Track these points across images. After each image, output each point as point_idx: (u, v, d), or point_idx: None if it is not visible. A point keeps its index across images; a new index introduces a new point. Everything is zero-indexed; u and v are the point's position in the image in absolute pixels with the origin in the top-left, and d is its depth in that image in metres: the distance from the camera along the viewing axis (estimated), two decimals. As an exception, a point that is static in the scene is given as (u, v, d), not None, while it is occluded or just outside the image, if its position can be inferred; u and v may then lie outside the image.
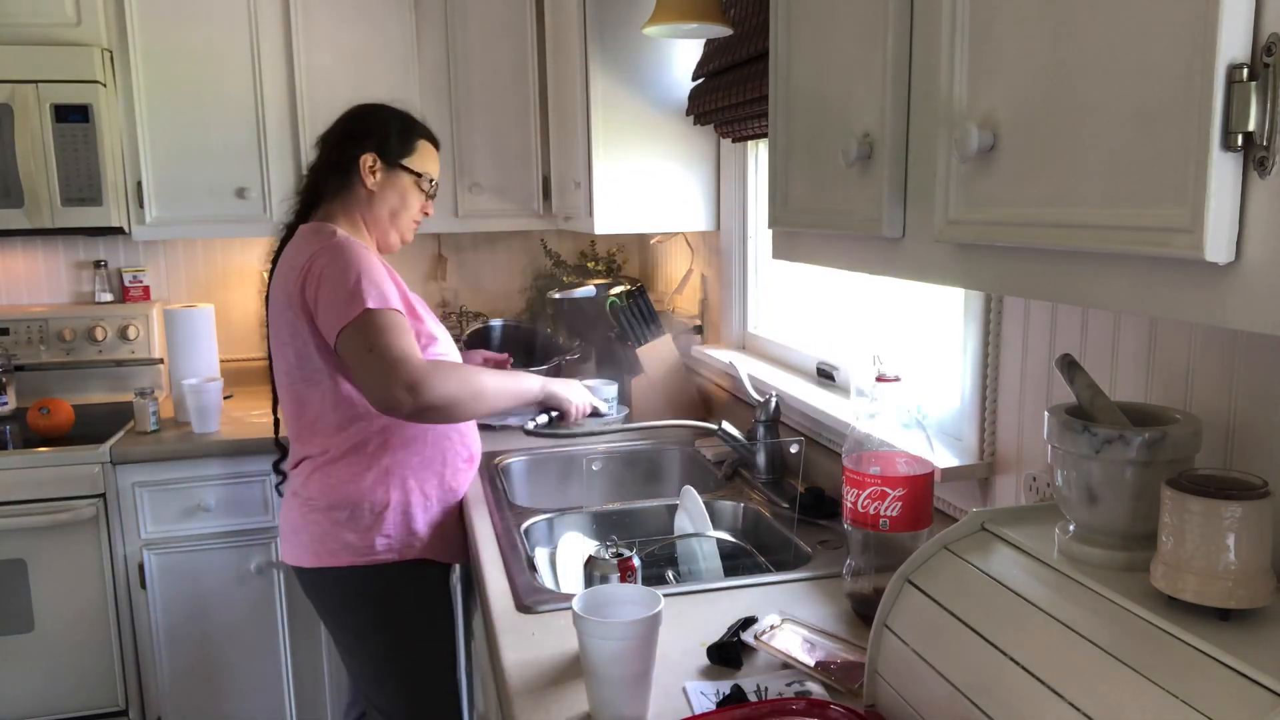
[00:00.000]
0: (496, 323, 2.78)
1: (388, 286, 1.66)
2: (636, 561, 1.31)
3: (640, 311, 2.49)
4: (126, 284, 3.00)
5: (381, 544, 1.75)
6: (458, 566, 1.92)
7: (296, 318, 1.67)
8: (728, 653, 1.19)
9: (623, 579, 1.29)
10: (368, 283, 1.62)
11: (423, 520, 1.79)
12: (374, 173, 1.78)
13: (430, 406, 1.56)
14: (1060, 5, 0.69)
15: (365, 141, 1.78)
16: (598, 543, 1.33)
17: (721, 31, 1.87)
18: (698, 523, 1.64)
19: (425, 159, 1.85)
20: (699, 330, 2.63)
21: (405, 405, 1.55)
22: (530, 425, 1.86)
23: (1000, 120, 0.76)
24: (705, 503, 1.66)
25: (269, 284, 1.78)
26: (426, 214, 1.89)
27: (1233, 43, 0.54)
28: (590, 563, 1.31)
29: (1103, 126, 0.65)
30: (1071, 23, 0.68)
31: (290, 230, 1.81)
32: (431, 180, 1.86)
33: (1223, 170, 0.56)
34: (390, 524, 1.75)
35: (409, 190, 1.83)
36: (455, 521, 1.85)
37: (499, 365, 2.14)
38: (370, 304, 1.59)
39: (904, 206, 0.93)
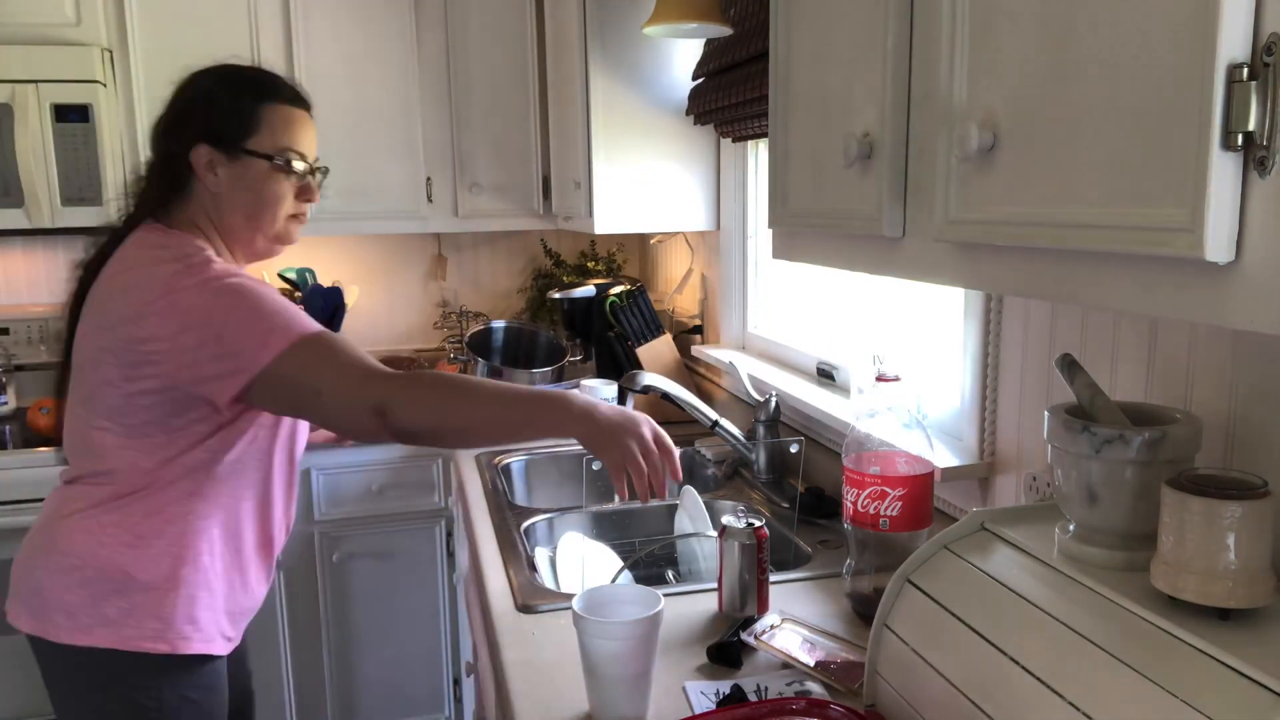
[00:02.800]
0: (498, 323, 2.78)
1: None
2: (767, 531, 1.32)
3: (640, 311, 2.49)
4: (126, 284, 2.99)
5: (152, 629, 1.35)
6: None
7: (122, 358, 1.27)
8: (728, 652, 1.19)
9: (759, 550, 1.30)
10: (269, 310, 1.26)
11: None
12: (213, 169, 1.34)
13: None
14: (1060, 5, 0.69)
15: (190, 128, 1.35)
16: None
17: (721, 31, 1.87)
18: (698, 523, 1.64)
19: (279, 129, 1.36)
20: (699, 330, 2.63)
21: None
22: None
23: (1000, 120, 0.76)
24: (705, 502, 1.66)
25: (79, 292, 1.38)
26: (309, 200, 1.42)
27: (1233, 42, 0.54)
28: (725, 532, 1.31)
29: (1103, 126, 0.65)
30: (1071, 22, 0.68)
31: (117, 235, 1.38)
32: (296, 157, 1.38)
33: (1223, 170, 0.56)
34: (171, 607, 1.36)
35: (266, 180, 1.36)
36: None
37: None
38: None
39: (904, 206, 0.93)
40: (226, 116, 1.34)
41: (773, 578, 1.39)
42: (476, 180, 2.88)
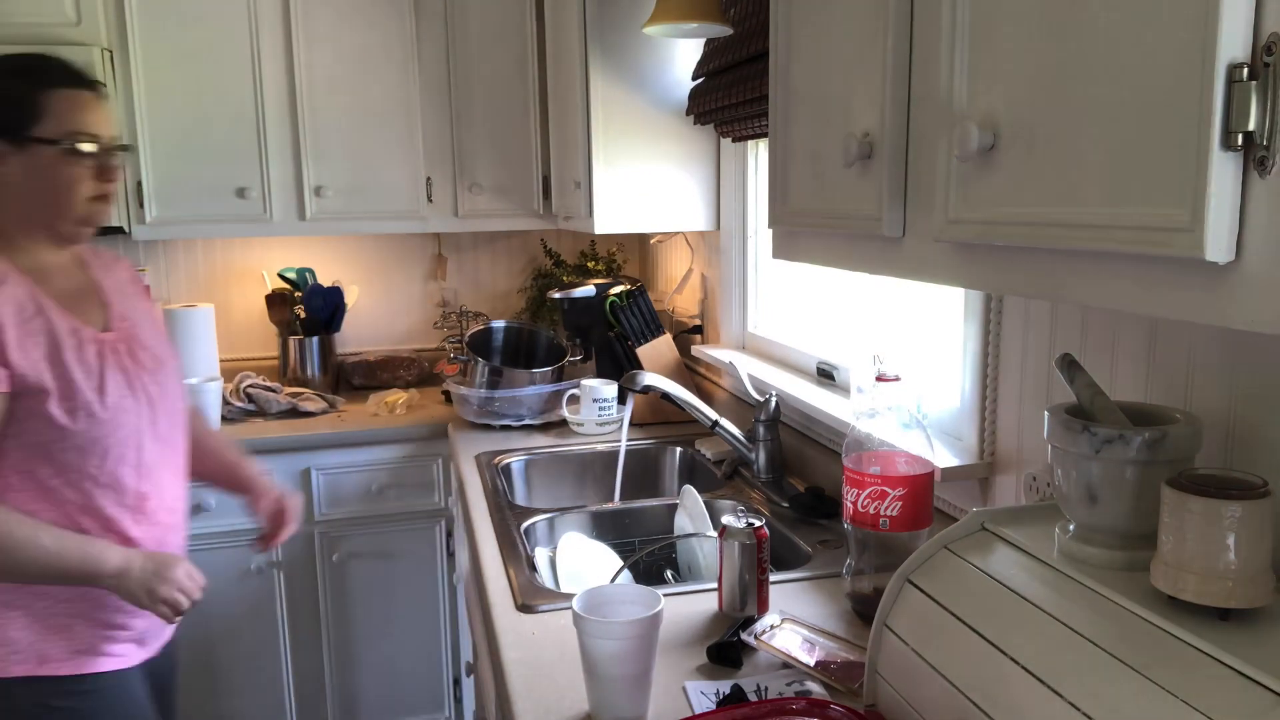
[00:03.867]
0: (498, 324, 2.78)
1: None
2: (767, 531, 1.33)
3: (640, 311, 2.49)
4: (126, 284, 3.00)
5: None
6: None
7: None
8: (728, 652, 1.19)
9: (758, 550, 1.30)
10: None
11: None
12: (3, 160, 1.32)
13: None
14: (1060, 4, 0.69)
15: None
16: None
17: (721, 31, 1.87)
18: (697, 522, 1.64)
19: (65, 113, 1.34)
20: (699, 330, 2.63)
21: None
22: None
23: (1000, 119, 0.76)
24: (705, 502, 1.66)
25: None
26: (109, 181, 1.39)
27: (1233, 42, 0.54)
28: (725, 532, 1.31)
29: (1103, 126, 0.65)
30: (1071, 22, 0.68)
31: None
32: (86, 139, 1.35)
33: (1223, 170, 0.56)
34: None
35: (58, 166, 1.33)
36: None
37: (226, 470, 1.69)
38: None
39: (904, 206, 0.93)
40: (8, 107, 1.31)
41: (773, 578, 1.39)
42: (476, 180, 2.88)
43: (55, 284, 1.39)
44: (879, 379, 1.27)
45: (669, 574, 1.73)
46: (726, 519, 1.32)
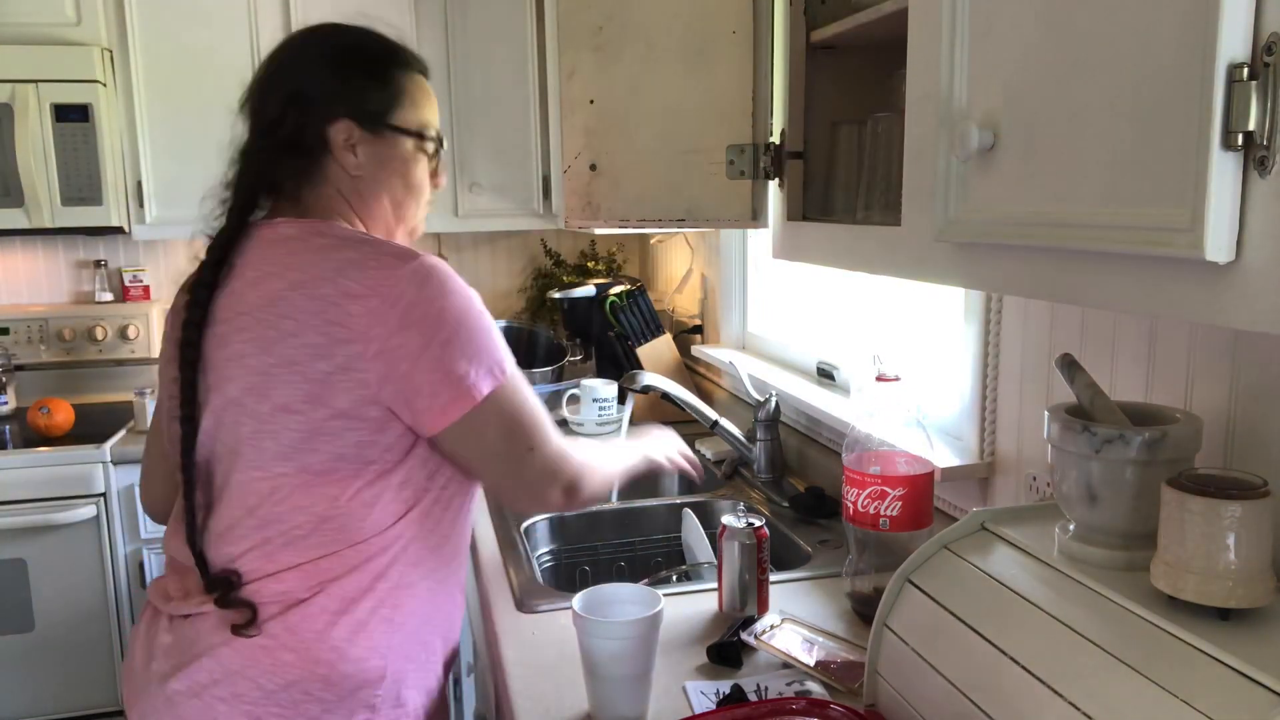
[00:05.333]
0: (498, 323, 2.78)
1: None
2: (767, 531, 1.33)
3: (640, 311, 2.49)
4: (126, 283, 3.00)
5: None
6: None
7: (334, 380, 1.02)
8: (728, 652, 1.19)
9: (759, 550, 1.30)
10: (495, 340, 1.12)
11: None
12: (353, 149, 1.12)
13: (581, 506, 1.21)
14: (1060, 4, 0.69)
15: (330, 103, 1.12)
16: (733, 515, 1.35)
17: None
18: (698, 549, 1.63)
19: (419, 103, 1.18)
20: (699, 330, 2.63)
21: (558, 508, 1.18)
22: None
23: (1000, 119, 0.76)
24: (705, 502, 1.66)
25: (203, 311, 1.08)
26: (437, 187, 1.24)
27: (1233, 42, 0.54)
28: (725, 532, 1.31)
29: (1103, 125, 0.65)
30: (1072, 22, 0.68)
31: (232, 234, 1.13)
32: (435, 134, 1.20)
33: (1223, 170, 0.56)
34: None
35: (410, 159, 1.17)
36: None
37: None
38: (507, 371, 1.10)
39: (904, 205, 0.93)
40: (371, 86, 1.14)
41: (773, 578, 1.39)
42: (476, 180, 2.88)
43: None
44: (879, 379, 1.27)
45: (669, 574, 1.73)
46: (726, 519, 1.32)
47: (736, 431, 1.93)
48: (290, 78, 1.15)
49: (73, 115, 2.52)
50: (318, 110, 1.12)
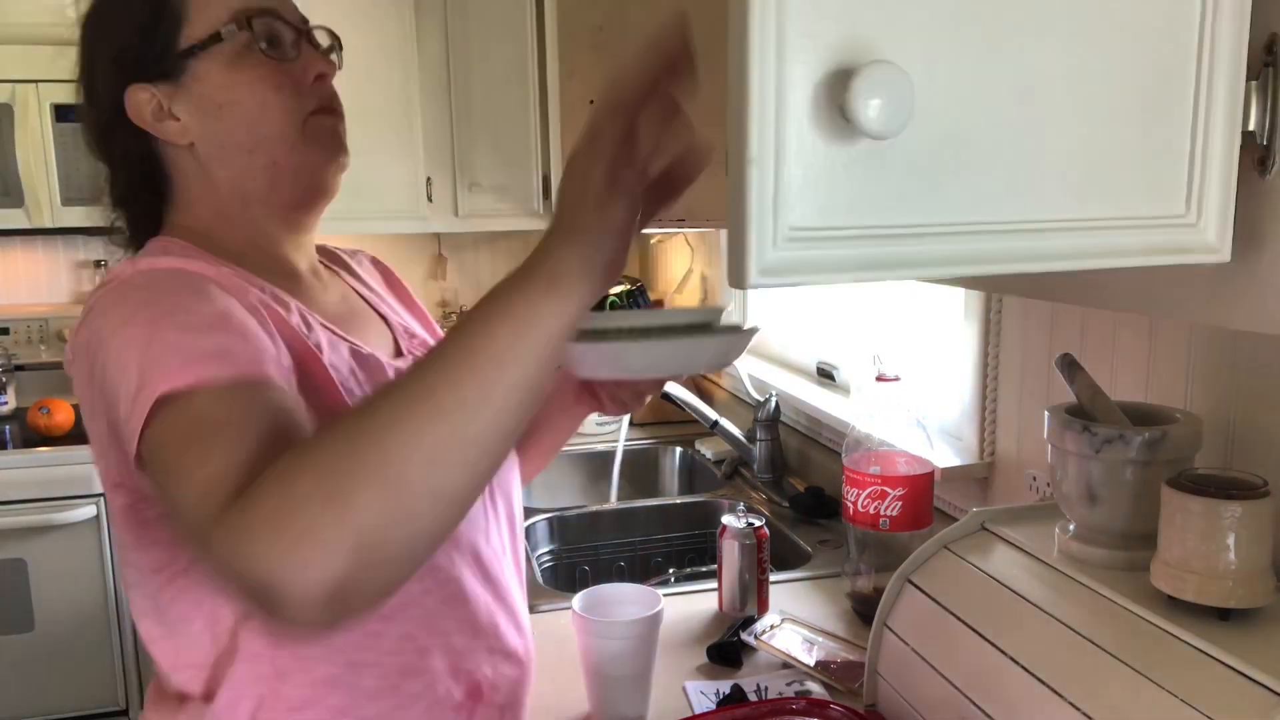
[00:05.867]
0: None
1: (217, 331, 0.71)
2: (767, 531, 1.33)
3: (640, 311, 2.49)
4: (126, 284, 3.00)
5: None
6: None
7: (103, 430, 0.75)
8: (728, 652, 1.19)
9: (759, 550, 1.30)
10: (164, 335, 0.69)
11: None
12: (165, 111, 0.84)
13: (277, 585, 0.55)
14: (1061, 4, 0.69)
15: (109, 66, 0.84)
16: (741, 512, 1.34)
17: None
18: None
19: (209, 4, 0.83)
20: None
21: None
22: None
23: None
24: (705, 501, 1.66)
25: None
26: (323, 77, 0.92)
27: (1233, 41, 0.54)
28: (725, 532, 1.31)
29: (1103, 124, 0.65)
30: (1072, 22, 0.67)
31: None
32: (259, 15, 0.84)
33: (1222, 169, 0.56)
34: None
35: (236, 77, 0.83)
36: None
37: None
38: (167, 382, 0.66)
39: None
40: (144, 24, 0.82)
41: (773, 578, 1.39)
42: (476, 180, 2.88)
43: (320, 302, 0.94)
44: (879, 379, 1.27)
45: (670, 574, 1.73)
46: (726, 519, 1.32)
47: (736, 431, 1.93)
48: (81, 50, 0.88)
49: (73, 115, 2.52)
50: (105, 81, 0.85)
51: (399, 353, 0.97)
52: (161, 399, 0.65)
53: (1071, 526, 0.91)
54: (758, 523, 1.31)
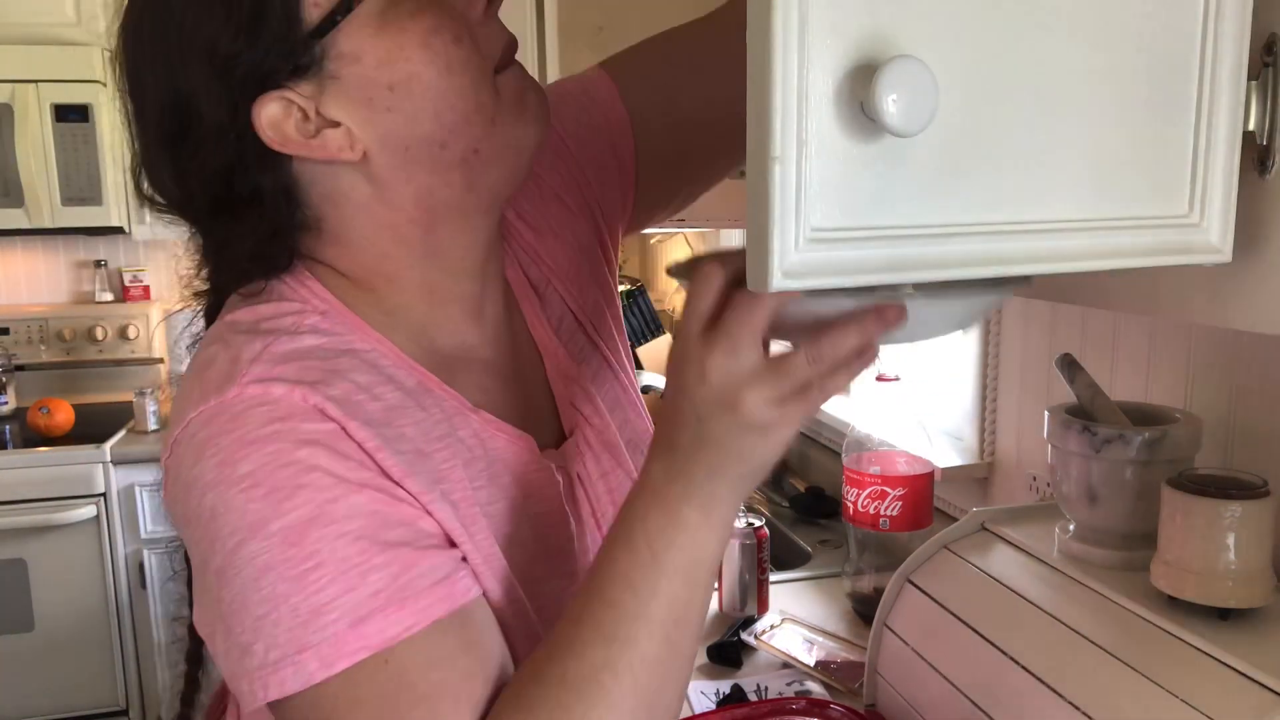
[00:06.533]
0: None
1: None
2: (767, 531, 1.33)
3: (640, 311, 2.49)
4: (126, 284, 3.00)
5: None
6: None
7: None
8: (728, 652, 1.19)
9: (759, 549, 1.30)
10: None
11: None
12: (318, 119, 0.58)
13: None
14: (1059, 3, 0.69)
15: (209, 84, 0.56)
16: None
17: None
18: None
19: None
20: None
21: None
22: None
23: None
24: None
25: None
26: (480, 10, 0.68)
27: (1233, 41, 0.54)
28: None
29: (1102, 124, 0.65)
30: (1073, 23, 0.67)
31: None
32: None
33: (1223, 169, 0.56)
34: None
35: (401, 42, 0.58)
36: None
37: None
38: (337, 658, 0.53)
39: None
40: (229, 22, 0.55)
41: (773, 578, 1.39)
42: (476, 180, 2.88)
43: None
44: (879, 379, 1.27)
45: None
46: None
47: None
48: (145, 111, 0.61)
49: (73, 115, 2.52)
50: (204, 128, 0.58)
51: (561, 430, 0.76)
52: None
53: (1071, 526, 0.91)
54: (758, 522, 1.31)
